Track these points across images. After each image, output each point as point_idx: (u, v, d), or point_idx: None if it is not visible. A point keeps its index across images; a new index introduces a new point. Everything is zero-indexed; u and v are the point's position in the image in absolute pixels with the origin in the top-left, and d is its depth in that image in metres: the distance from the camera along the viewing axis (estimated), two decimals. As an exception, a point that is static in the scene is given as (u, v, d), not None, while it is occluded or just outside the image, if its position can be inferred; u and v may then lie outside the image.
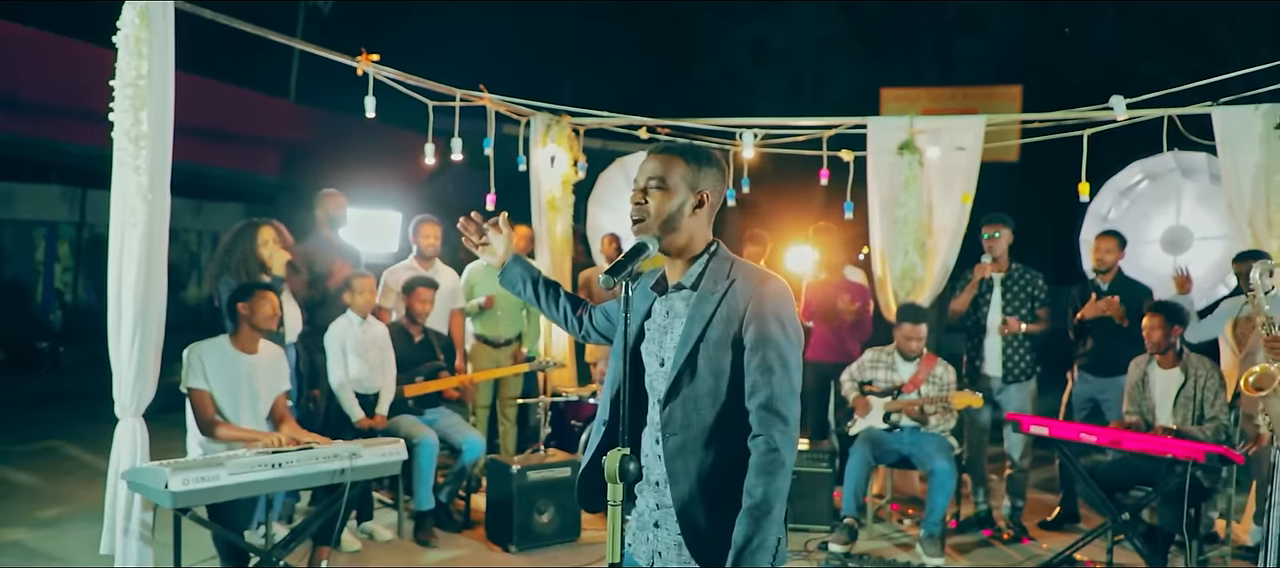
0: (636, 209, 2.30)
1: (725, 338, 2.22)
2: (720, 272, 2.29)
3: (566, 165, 7.45)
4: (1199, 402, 5.20)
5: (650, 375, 2.35)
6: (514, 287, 2.74)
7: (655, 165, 2.31)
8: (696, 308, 2.27)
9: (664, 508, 2.29)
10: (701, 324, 2.25)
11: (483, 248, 2.75)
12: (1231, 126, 6.10)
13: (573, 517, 5.56)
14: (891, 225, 6.79)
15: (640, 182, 2.32)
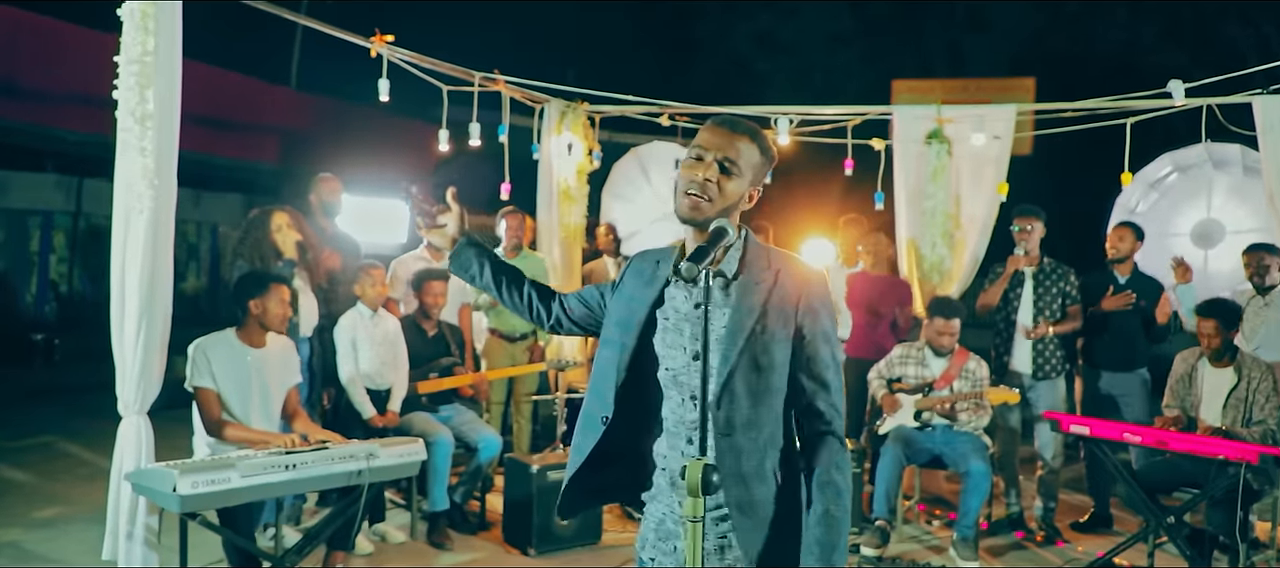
0: (703, 187, 2.06)
1: (778, 331, 2.07)
2: (760, 260, 2.12)
3: (582, 154, 7.23)
4: (1250, 403, 5.00)
5: (674, 369, 2.12)
6: (466, 271, 2.45)
7: (728, 141, 2.09)
8: (744, 298, 2.08)
9: (710, 511, 2.07)
10: (754, 316, 2.07)
11: (431, 230, 2.53)
12: (1273, 117, 5.90)
13: (594, 518, 5.35)
14: (919, 217, 6.59)
15: (708, 156, 2.08)
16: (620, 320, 2.19)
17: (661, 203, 8.21)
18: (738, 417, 2.06)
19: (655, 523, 2.19)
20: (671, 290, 2.15)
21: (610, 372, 2.16)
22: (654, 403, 2.17)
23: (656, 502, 2.19)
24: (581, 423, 2.23)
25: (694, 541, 1.83)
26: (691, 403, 2.11)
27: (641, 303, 2.17)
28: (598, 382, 2.21)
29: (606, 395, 2.16)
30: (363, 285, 5.29)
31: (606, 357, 2.20)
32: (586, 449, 2.18)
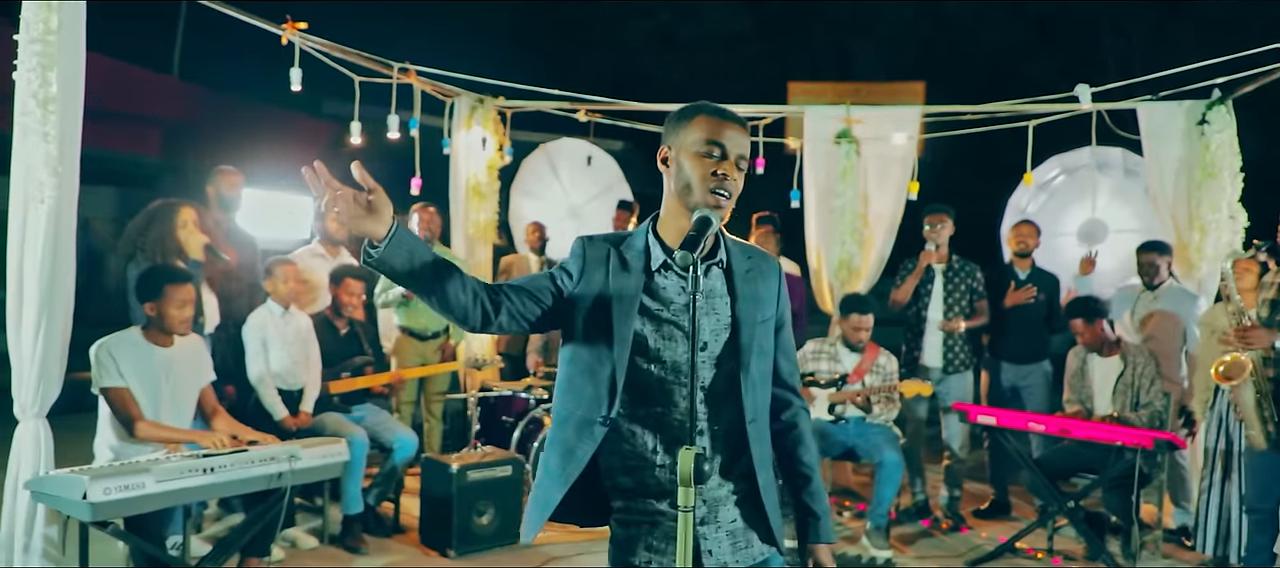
0: (729, 184, 2.03)
1: (769, 318, 2.18)
2: (739, 249, 2.18)
3: (492, 150, 7.13)
4: (1136, 388, 5.30)
5: (673, 362, 2.05)
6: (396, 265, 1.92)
7: (743, 140, 2.08)
8: (744, 286, 2.11)
9: (713, 501, 2.09)
10: (753, 304, 2.12)
11: (354, 220, 1.88)
12: (1156, 121, 6.26)
13: (513, 518, 5.27)
14: (828, 215, 6.73)
15: (732, 152, 2.05)
16: (605, 315, 2.06)
17: (570, 199, 8.18)
18: (759, 402, 2.12)
19: (650, 525, 2.09)
20: (661, 280, 2.09)
21: (603, 370, 2.04)
22: (649, 398, 2.06)
23: (652, 502, 2.09)
24: (567, 429, 2.09)
25: (685, 532, 1.82)
26: (699, 393, 2.07)
27: (627, 297, 2.06)
28: (580, 382, 2.07)
29: (599, 395, 2.04)
30: (274, 282, 5.08)
31: (592, 355, 2.06)
32: (585, 456, 2.05)
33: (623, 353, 2.04)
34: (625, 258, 2.11)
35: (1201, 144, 6.06)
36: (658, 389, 2.06)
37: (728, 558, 2.09)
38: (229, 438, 3.97)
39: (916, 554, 5.49)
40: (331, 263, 5.74)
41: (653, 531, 2.09)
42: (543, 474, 2.16)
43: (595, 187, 8.21)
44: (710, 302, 2.10)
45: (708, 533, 2.09)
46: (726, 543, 2.09)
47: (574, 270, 2.13)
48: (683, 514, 1.82)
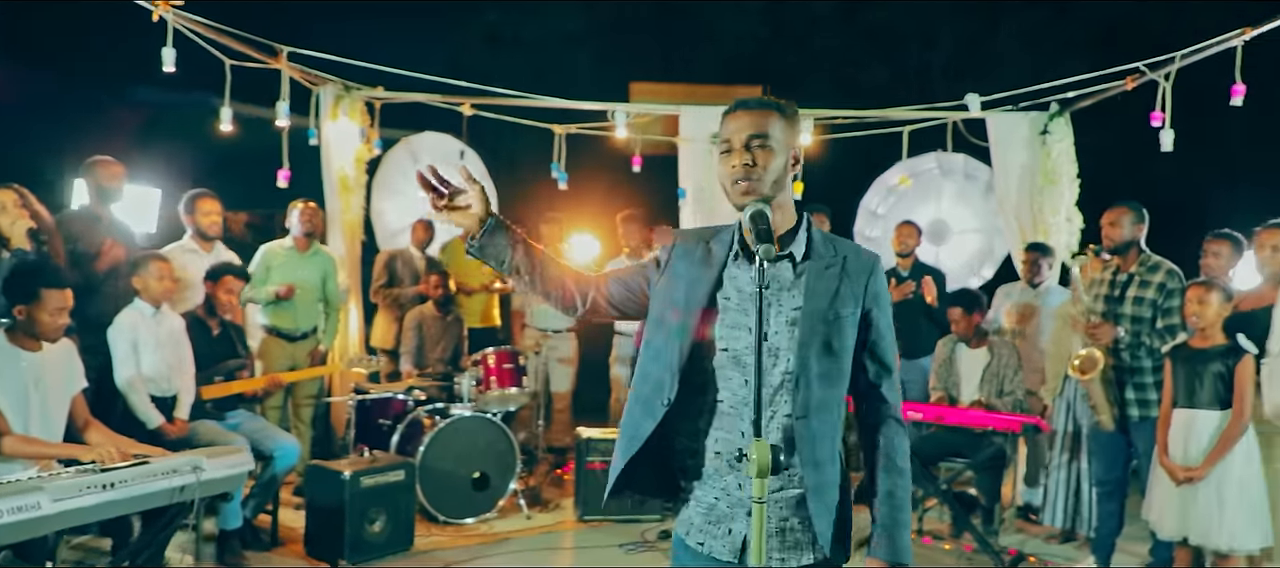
0: (744, 171, 2.06)
1: (847, 315, 2.10)
2: (825, 245, 2.16)
3: (359, 141, 6.85)
4: (1001, 377, 5.71)
5: (735, 351, 2.10)
6: (498, 256, 2.18)
7: (751, 121, 2.09)
8: (816, 282, 2.10)
9: (770, 495, 2.07)
10: (826, 299, 2.09)
11: (450, 212, 2.17)
12: (1003, 130, 6.77)
13: (405, 525, 5.10)
14: (705, 214, 6.87)
15: (737, 141, 2.08)
16: (677, 302, 2.13)
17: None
18: (812, 400, 2.07)
19: (706, 508, 2.14)
20: (733, 271, 2.13)
21: (671, 353, 2.11)
22: (708, 385, 2.12)
23: (707, 486, 2.14)
24: (637, 407, 2.16)
25: (759, 521, 1.84)
26: (758, 384, 2.04)
27: (701, 284, 2.13)
28: (651, 365, 2.16)
29: (665, 378, 2.10)
30: (144, 279, 4.68)
31: (662, 339, 2.14)
32: (645, 433, 2.11)
33: (685, 339, 2.10)
34: (712, 249, 2.18)
35: (1043, 152, 6.61)
36: (718, 377, 2.11)
37: (774, 556, 2.09)
38: (114, 452, 3.63)
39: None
40: (206, 259, 5.35)
41: (706, 516, 2.14)
42: (617, 448, 2.21)
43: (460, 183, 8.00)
44: (775, 294, 2.10)
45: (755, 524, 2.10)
46: (775, 541, 2.09)
47: (662, 261, 2.24)
48: (757, 506, 1.83)
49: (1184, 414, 4.24)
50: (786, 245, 2.12)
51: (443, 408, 5.88)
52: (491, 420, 5.74)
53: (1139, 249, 4.80)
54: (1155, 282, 4.69)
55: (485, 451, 5.71)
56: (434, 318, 6.54)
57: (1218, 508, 4.12)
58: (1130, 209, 4.79)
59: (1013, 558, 5.27)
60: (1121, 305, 4.77)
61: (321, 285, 6.12)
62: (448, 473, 5.57)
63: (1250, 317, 4.19)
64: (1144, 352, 4.66)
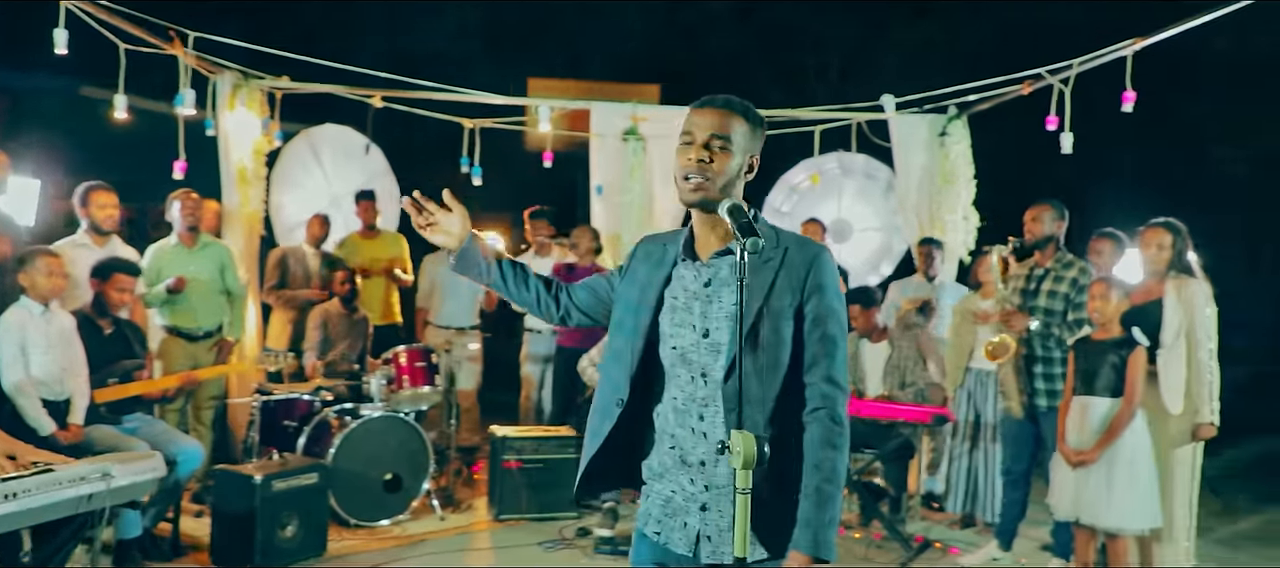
0: (698, 167, 2.08)
1: (787, 307, 2.11)
2: (768, 238, 2.15)
3: (258, 132, 6.59)
4: (902, 370, 5.91)
5: (681, 347, 2.15)
6: (475, 270, 2.37)
7: (716, 120, 2.11)
8: (753, 277, 2.10)
9: (715, 489, 2.12)
10: (764, 293, 2.11)
11: (430, 229, 2.35)
12: (904, 132, 7.01)
13: (318, 529, 4.94)
14: (615, 210, 6.89)
15: (698, 137, 2.10)
16: (632, 304, 2.22)
17: (332, 189, 7.74)
18: (748, 393, 2.06)
19: (662, 501, 2.21)
20: (680, 270, 2.19)
21: (626, 355, 2.19)
22: (661, 383, 2.19)
23: (664, 480, 2.21)
24: (598, 411, 2.25)
25: (743, 512, 1.86)
26: (702, 380, 2.13)
27: (653, 285, 2.21)
28: (612, 366, 2.23)
29: (621, 380, 2.19)
30: (31, 275, 4.38)
31: (621, 341, 2.22)
32: (605, 433, 2.20)
33: (638, 341, 2.17)
34: (667, 250, 2.24)
35: (941, 154, 6.86)
36: (669, 375, 2.17)
37: (723, 547, 2.12)
38: (7, 460, 3.40)
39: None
40: (98, 254, 5.05)
41: (664, 507, 2.20)
42: (584, 447, 2.30)
43: (362, 176, 7.81)
44: (716, 291, 2.13)
45: (709, 519, 2.13)
46: (728, 534, 2.10)
47: (624, 267, 2.33)
48: (741, 497, 1.85)
49: (1080, 401, 4.48)
50: (727, 241, 2.14)
51: (352, 408, 5.72)
52: (404, 420, 5.62)
53: (1057, 245, 5.03)
54: (1069, 277, 4.93)
55: (397, 451, 5.59)
56: (339, 315, 6.36)
57: (1107, 490, 4.35)
58: (1051, 207, 5.01)
59: (919, 545, 5.45)
60: (1036, 298, 4.99)
61: (220, 278, 5.86)
62: (359, 475, 5.42)
63: (1141, 310, 4.44)
64: (1054, 343, 4.90)
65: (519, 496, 5.74)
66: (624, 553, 5.14)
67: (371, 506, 5.47)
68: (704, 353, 2.12)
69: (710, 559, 2.12)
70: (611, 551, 5.19)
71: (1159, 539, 4.42)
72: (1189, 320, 4.31)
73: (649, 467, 2.25)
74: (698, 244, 2.19)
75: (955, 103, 6.78)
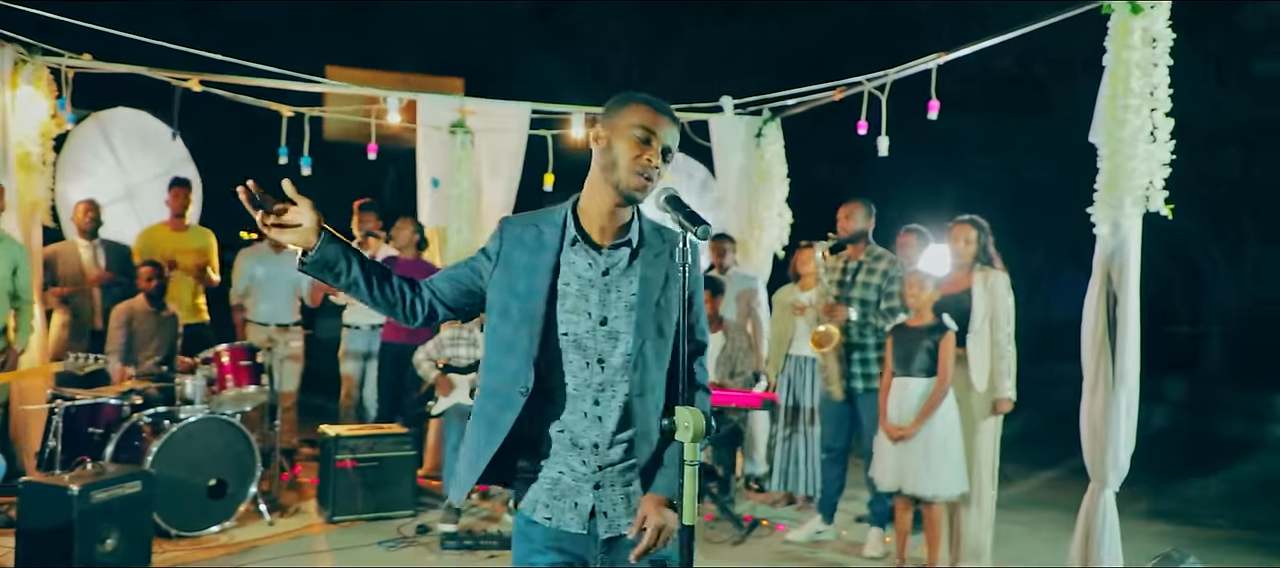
0: (650, 171, 2.15)
1: (674, 298, 2.24)
2: (653, 232, 2.28)
3: (45, 112, 6.01)
4: (733, 359, 6.22)
5: (575, 334, 2.19)
6: (331, 270, 2.15)
7: (672, 132, 2.20)
8: (649, 269, 2.23)
9: (608, 468, 2.21)
10: (659, 285, 2.24)
11: (277, 230, 2.11)
12: (723, 133, 7.35)
13: (142, 541, 4.60)
14: (444, 202, 6.81)
15: (658, 142, 2.17)
16: (519, 292, 2.19)
17: (127, 177, 7.17)
18: (647, 380, 2.20)
19: (550, 484, 2.22)
20: (570, 257, 2.21)
21: (521, 342, 2.17)
22: (551, 370, 2.19)
23: (550, 463, 2.22)
24: (491, 401, 2.21)
25: (691, 483, 1.97)
26: (598, 366, 2.19)
27: (541, 272, 2.19)
28: (502, 356, 2.20)
29: (520, 368, 2.16)
30: None
31: (510, 330, 2.19)
32: (508, 423, 2.17)
33: (535, 327, 2.17)
34: (542, 233, 2.23)
35: (758, 154, 7.25)
36: (561, 361, 2.20)
37: (619, 521, 2.23)
38: None
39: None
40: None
41: (551, 491, 2.22)
42: (471, 441, 2.25)
43: (158, 165, 7.28)
44: (615, 281, 2.21)
45: (603, 496, 2.22)
46: (622, 506, 2.23)
47: (492, 252, 2.27)
48: (689, 468, 1.97)
49: (899, 382, 4.90)
50: (625, 234, 2.24)
51: (167, 412, 5.35)
52: (228, 423, 5.32)
53: (867, 240, 5.47)
54: (880, 269, 5.38)
55: (222, 455, 5.29)
56: (146, 314, 5.92)
57: (924, 461, 4.80)
58: (862, 204, 5.46)
59: (749, 524, 5.77)
60: (852, 289, 5.41)
61: (11, 277, 5.33)
62: (180, 482, 5.09)
63: (952, 299, 4.92)
64: (869, 330, 5.33)
65: (354, 496, 5.58)
66: (469, 548, 5.12)
67: (195, 514, 5.16)
68: (601, 340, 2.19)
69: (608, 533, 2.22)
70: (457, 546, 5.14)
71: (966, 504, 4.91)
72: (992, 307, 4.82)
73: (535, 453, 2.24)
74: (594, 232, 2.22)
75: (770, 106, 7.18)
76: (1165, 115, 4.00)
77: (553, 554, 2.21)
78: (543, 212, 2.29)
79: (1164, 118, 4.00)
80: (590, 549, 2.23)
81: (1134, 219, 4.06)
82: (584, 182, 2.27)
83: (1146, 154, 4.00)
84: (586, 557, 2.23)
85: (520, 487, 2.26)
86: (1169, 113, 4.00)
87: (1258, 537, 6.21)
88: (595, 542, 2.22)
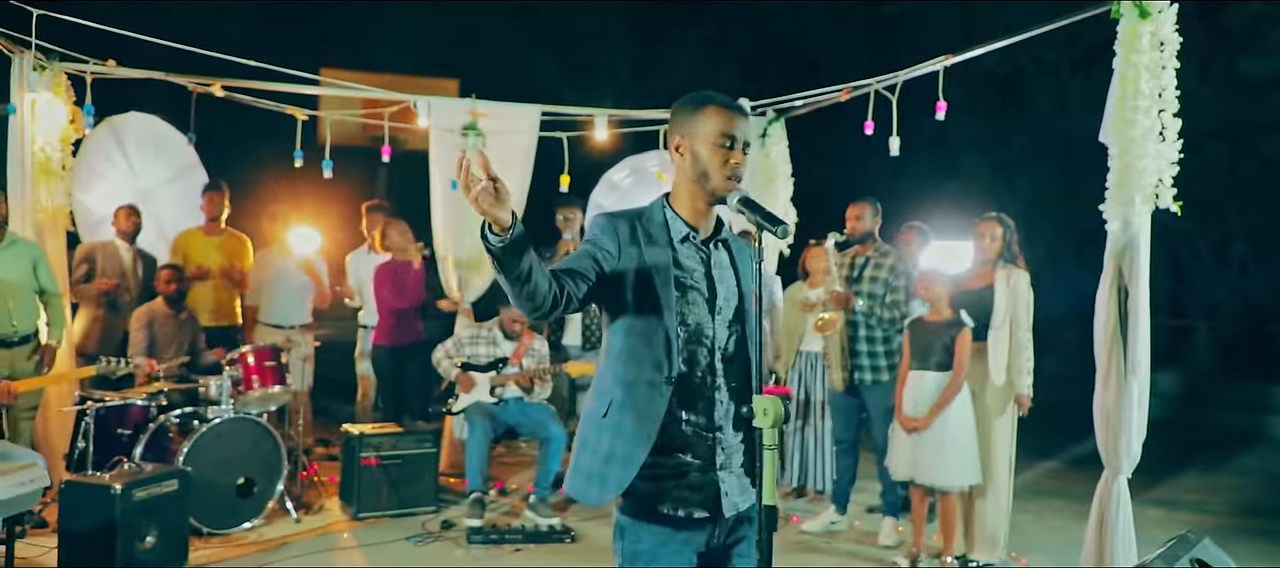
0: (739, 171, 2.31)
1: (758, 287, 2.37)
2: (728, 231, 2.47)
3: (63, 118, 6.06)
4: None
5: (696, 324, 2.32)
6: (518, 256, 2.03)
7: (748, 130, 2.35)
8: (742, 263, 2.41)
9: (730, 449, 2.33)
10: (750, 276, 2.40)
11: (489, 206, 1.97)
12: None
13: (176, 538, 4.69)
14: (456, 206, 6.90)
15: (739, 142, 2.31)
16: (649, 283, 2.28)
17: (139, 182, 7.21)
18: (748, 363, 2.37)
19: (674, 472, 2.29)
20: (685, 250, 2.34)
21: (659, 333, 2.27)
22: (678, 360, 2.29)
23: (680, 455, 2.30)
24: (635, 392, 2.27)
25: (771, 466, 2.12)
26: (716, 353, 2.33)
27: (663, 265, 2.29)
28: (641, 347, 2.27)
29: (662, 357, 2.27)
30: None
31: (645, 322, 2.28)
32: (660, 413, 2.26)
33: (671, 317, 2.27)
34: (650, 231, 2.34)
35: (763, 154, 7.38)
36: (686, 351, 2.31)
37: (738, 500, 2.36)
38: None
39: (575, 516, 5.93)
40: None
41: (679, 482, 2.31)
42: (616, 437, 2.29)
43: (169, 170, 7.33)
44: (721, 272, 2.36)
45: (726, 477, 2.34)
46: (736, 486, 2.36)
47: (612, 247, 2.30)
48: (769, 452, 2.09)
49: (915, 375, 5.04)
50: (719, 230, 2.41)
51: (193, 412, 5.44)
52: (255, 422, 5.41)
53: (875, 238, 5.62)
54: (887, 265, 5.53)
55: (249, 454, 5.38)
56: (166, 316, 5.99)
57: (938, 453, 4.94)
58: (870, 204, 5.61)
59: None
60: (859, 285, 5.55)
61: (32, 276, 5.39)
62: (211, 481, 5.17)
63: (974, 294, 5.05)
64: (876, 323, 5.47)
65: (379, 493, 5.67)
66: (495, 542, 5.23)
67: (226, 512, 5.25)
68: (720, 328, 2.34)
69: (732, 513, 2.33)
70: (483, 541, 5.25)
71: (981, 495, 5.06)
72: (1014, 305, 4.96)
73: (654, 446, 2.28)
74: (698, 228, 2.37)
75: (775, 107, 7.30)
76: (1173, 116, 4.16)
77: (677, 546, 2.29)
78: (634, 210, 2.40)
79: (1172, 118, 4.16)
80: (714, 533, 2.34)
81: (1144, 216, 4.21)
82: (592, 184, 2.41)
83: (1156, 153, 4.15)
84: (710, 541, 2.34)
85: (640, 482, 2.27)
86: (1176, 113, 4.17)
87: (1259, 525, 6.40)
88: (718, 524, 2.33)
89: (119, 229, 6.39)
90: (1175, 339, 13.48)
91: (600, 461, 2.31)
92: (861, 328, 5.53)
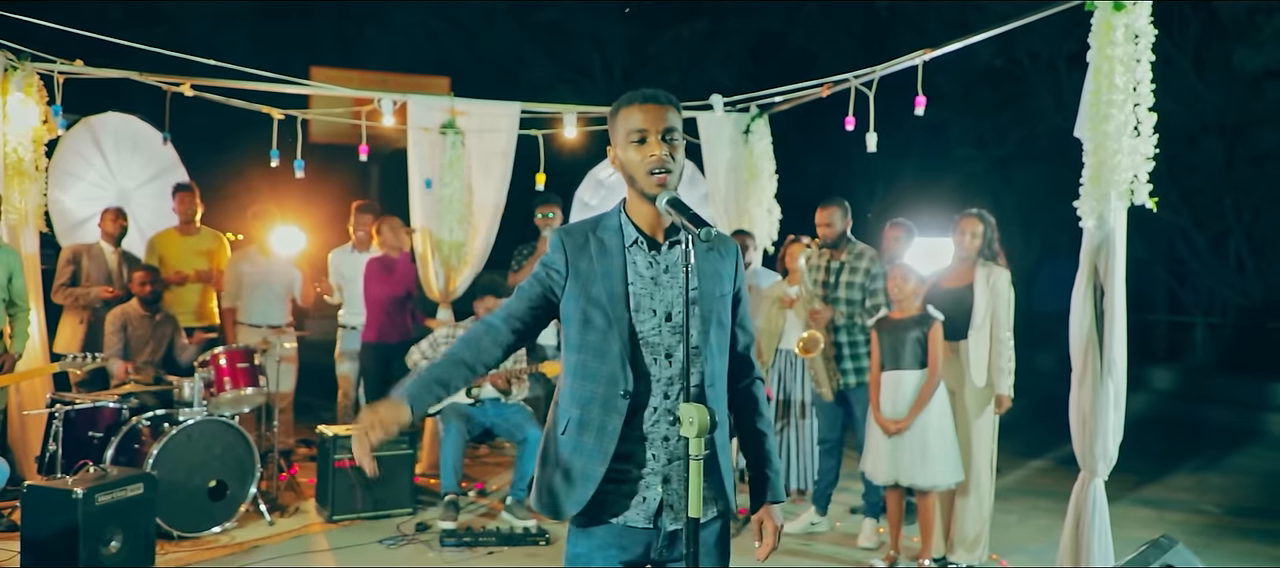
0: (662, 162, 2.20)
1: (728, 292, 2.33)
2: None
3: (36, 118, 6.01)
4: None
5: (644, 333, 2.25)
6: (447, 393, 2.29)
7: (662, 115, 2.24)
8: (704, 263, 2.29)
9: (677, 461, 2.26)
10: (714, 279, 2.30)
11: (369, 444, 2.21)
12: (711, 130, 7.41)
13: (145, 543, 4.64)
14: (435, 203, 6.85)
15: (652, 132, 2.21)
16: (599, 297, 2.23)
17: (118, 183, 7.17)
18: (713, 371, 2.28)
19: (617, 481, 2.26)
20: (632, 257, 2.26)
21: (613, 347, 2.22)
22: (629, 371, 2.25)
23: (623, 461, 2.26)
24: (592, 409, 2.24)
25: (697, 477, 2.04)
26: (666, 361, 2.25)
27: (614, 276, 2.24)
28: (596, 363, 2.24)
29: (616, 372, 2.22)
30: None
31: (598, 337, 2.23)
32: (617, 429, 2.22)
33: (623, 330, 2.22)
34: (604, 240, 2.27)
35: (746, 150, 7.32)
36: (638, 361, 2.26)
37: (685, 514, 2.24)
38: None
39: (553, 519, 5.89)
40: None
41: (619, 489, 2.26)
42: (575, 455, 2.26)
43: (148, 170, 7.29)
44: (673, 277, 2.27)
45: (671, 490, 2.27)
46: (686, 499, 2.24)
47: (561, 265, 2.27)
48: (695, 463, 2.03)
49: (892, 376, 4.95)
50: (675, 232, 2.29)
51: (166, 415, 5.39)
52: (227, 424, 5.36)
53: (847, 239, 5.54)
54: (862, 266, 5.45)
55: (221, 457, 5.32)
56: (141, 317, 5.94)
57: (922, 454, 4.85)
58: (838, 206, 5.52)
59: (743, 517, 5.83)
60: (836, 289, 5.48)
61: (6, 284, 5.35)
62: (181, 484, 5.12)
63: (954, 293, 4.96)
64: (858, 328, 5.41)
65: (353, 495, 5.62)
66: (469, 545, 5.18)
67: (197, 515, 5.19)
68: (667, 335, 2.25)
69: (673, 525, 2.27)
70: (457, 543, 5.20)
71: (963, 494, 4.98)
72: (994, 304, 4.87)
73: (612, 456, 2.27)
74: (650, 232, 2.29)
75: (758, 103, 7.24)
76: (1148, 110, 4.09)
77: (614, 551, 2.26)
78: (591, 219, 2.35)
79: (1147, 113, 4.09)
80: (653, 544, 2.27)
81: (1119, 213, 4.14)
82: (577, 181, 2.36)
83: (1130, 148, 4.08)
84: (649, 552, 2.28)
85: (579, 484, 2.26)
86: (1152, 107, 4.09)
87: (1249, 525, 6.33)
88: (659, 536, 2.27)
89: (105, 232, 6.35)
90: (1171, 335, 13.40)
91: (561, 478, 2.28)
92: (844, 333, 5.46)
